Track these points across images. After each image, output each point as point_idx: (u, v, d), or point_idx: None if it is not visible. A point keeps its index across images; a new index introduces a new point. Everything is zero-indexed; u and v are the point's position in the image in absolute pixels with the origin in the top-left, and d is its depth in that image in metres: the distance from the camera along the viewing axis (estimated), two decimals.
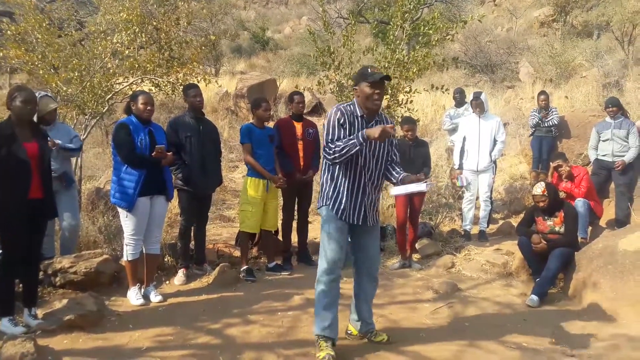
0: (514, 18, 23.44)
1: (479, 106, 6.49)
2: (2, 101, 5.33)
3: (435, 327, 4.00)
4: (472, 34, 18.23)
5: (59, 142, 4.73)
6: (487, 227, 6.72)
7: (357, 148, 3.14)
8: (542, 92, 8.77)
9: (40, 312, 3.91)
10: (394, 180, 3.48)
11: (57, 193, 4.43)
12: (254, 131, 5.25)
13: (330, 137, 3.24)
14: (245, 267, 5.17)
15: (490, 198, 6.75)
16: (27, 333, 3.55)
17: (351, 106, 3.34)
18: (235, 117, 13.84)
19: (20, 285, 3.93)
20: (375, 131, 3.07)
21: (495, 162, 6.70)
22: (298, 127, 5.56)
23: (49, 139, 4.10)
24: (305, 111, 6.14)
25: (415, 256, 5.91)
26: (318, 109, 14.24)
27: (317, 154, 5.71)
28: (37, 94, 4.61)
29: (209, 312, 4.23)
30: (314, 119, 9.18)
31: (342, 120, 3.25)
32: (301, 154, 5.51)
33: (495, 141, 6.50)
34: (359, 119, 3.32)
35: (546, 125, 8.39)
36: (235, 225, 7.11)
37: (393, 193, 3.54)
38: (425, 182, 3.31)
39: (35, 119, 4.28)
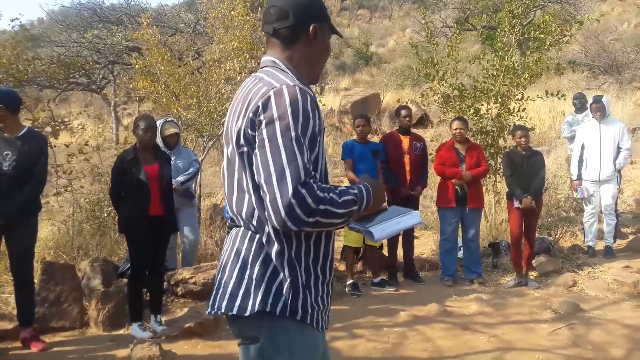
0: None
1: (599, 110, 5.97)
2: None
3: (553, 350, 3.73)
4: (592, 33, 16.82)
5: (180, 181, 4.89)
6: (614, 242, 6.11)
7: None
8: None
9: (164, 319, 4.27)
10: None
11: (179, 209, 4.82)
12: (355, 147, 5.31)
13: (301, 163, 1.41)
14: (350, 281, 5.21)
15: (616, 211, 6.14)
16: (153, 338, 3.89)
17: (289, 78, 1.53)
18: (340, 133, 14.11)
19: (148, 294, 4.32)
20: (378, 189, 1.58)
21: (619, 172, 6.11)
22: (405, 141, 5.54)
23: (173, 183, 4.42)
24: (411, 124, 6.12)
25: (532, 274, 5.56)
26: (424, 121, 14.05)
27: (425, 168, 5.71)
28: (161, 120, 5.08)
29: None
30: (419, 131, 9.06)
31: (314, 113, 1.49)
32: (407, 168, 5.48)
33: (619, 148, 5.92)
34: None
35: None
36: (339, 239, 7.18)
37: (379, 237, 1.63)
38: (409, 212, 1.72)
39: (160, 142, 4.72)
